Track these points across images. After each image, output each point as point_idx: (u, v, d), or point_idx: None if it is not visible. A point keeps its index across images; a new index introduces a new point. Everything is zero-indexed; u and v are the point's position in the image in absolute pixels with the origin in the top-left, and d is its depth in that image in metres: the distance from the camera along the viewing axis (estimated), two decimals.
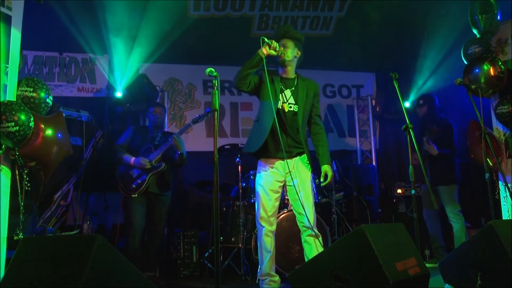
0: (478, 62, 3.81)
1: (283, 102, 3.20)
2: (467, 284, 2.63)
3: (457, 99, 6.29)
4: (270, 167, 3.20)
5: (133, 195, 4.09)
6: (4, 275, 2.08)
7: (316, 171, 3.36)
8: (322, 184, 3.23)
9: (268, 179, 3.18)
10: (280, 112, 3.18)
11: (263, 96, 3.23)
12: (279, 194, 3.22)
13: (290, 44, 3.24)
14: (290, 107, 3.21)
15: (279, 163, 3.20)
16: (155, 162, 4.12)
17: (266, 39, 3.03)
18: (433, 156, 4.55)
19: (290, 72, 3.29)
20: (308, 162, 3.22)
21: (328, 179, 3.18)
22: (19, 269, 2.06)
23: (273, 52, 3.07)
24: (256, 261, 3.99)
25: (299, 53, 3.29)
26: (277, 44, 3.10)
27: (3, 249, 2.76)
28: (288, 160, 3.14)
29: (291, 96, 3.23)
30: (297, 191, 3.11)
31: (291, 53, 3.22)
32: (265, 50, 3.04)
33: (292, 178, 3.12)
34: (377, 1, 5.20)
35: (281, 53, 3.14)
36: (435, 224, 4.72)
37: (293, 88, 3.25)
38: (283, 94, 3.22)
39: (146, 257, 4.22)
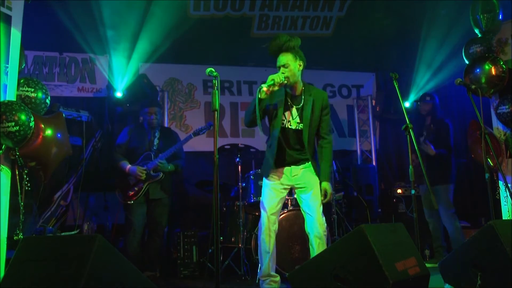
0: (480, 61, 3.81)
1: (291, 119, 3.17)
2: (467, 284, 2.63)
3: (457, 98, 6.29)
4: (278, 172, 3.22)
5: (128, 202, 4.09)
6: (4, 275, 2.08)
7: None
8: (322, 201, 3.17)
9: (275, 180, 3.20)
10: (286, 131, 3.16)
11: (270, 119, 3.21)
12: (283, 195, 3.23)
13: (290, 60, 3.08)
14: (297, 125, 3.17)
15: (287, 169, 3.21)
16: (153, 171, 4.12)
17: (267, 84, 2.92)
18: (430, 156, 4.54)
19: (298, 87, 3.19)
20: (314, 170, 3.20)
21: (328, 196, 3.12)
22: (19, 269, 2.06)
23: (276, 89, 3.01)
24: (256, 261, 3.99)
25: (302, 63, 3.14)
26: (277, 76, 2.98)
27: (3, 249, 2.76)
28: (294, 167, 3.19)
29: (297, 115, 3.17)
30: (306, 192, 3.14)
31: (294, 68, 3.09)
32: (266, 90, 2.94)
33: (301, 180, 3.16)
34: (377, 1, 5.20)
35: (285, 81, 3.04)
36: (437, 224, 4.71)
37: (300, 106, 3.17)
38: (290, 111, 3.18)
39: (146, 257, 4.22)
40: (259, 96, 2.94)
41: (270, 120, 3.23)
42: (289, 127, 3.16)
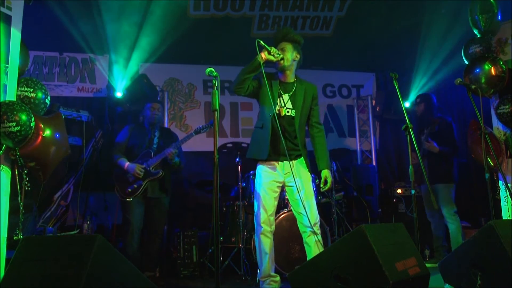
0: (479, 61, 3.81)
1: (281, 107, 3.19)
2: (467, 284, 2.63)
3: (457, 98, 6.29)
4: (269, 168, 3.21)
5: (127, 199, 4.08)
6: (4, 275, 2.08)
7: (315, 171, 3.36)
8: (322, 189, 3.23)
9: (268, 179, 3.19)
10: (277, 117, 3.16)
11: (262, 100, 3.24)
12: (277, 194, 3.23)
13: (289, 47, 3.20)
14: (288, 111, 3.20)
15: (278, 165, 3.20)
16: (153, 168, 4.11)
17: (266, 45, 3.00)
18: (433, 153, 4.54)
19: (289, 76, 3.27)
20: (306, 164, 3.23)
21: (328, 184, 3.18)
22: (19, 269, 2.06)
23: (272, 58, 3.06)
24: (256, 261, 3.99)
25: (298, 56, 3.26)
26: (276, 50, 3.08)
27: (3, 249, 2.76)
28: (287, 162, 3.18)
29: (289, 101, 3.22)
30: (298, 190, 3.11)
31: (290, 56, 3.20)
32: (263, 55, 3.04)
33: (293, 178, 3.14)
34: (376, 1, 5.20)
35: (280, 60, 3.12)
36: (439, 224, 4.72)
37: (292, 93, 3.24)
38: (281, 98, 3.21)
39: (146, 257, 4.21)
40: (258, 59, 3.02)
41: (261, 102, 3.24)
42: (281, 113, 3.18)
